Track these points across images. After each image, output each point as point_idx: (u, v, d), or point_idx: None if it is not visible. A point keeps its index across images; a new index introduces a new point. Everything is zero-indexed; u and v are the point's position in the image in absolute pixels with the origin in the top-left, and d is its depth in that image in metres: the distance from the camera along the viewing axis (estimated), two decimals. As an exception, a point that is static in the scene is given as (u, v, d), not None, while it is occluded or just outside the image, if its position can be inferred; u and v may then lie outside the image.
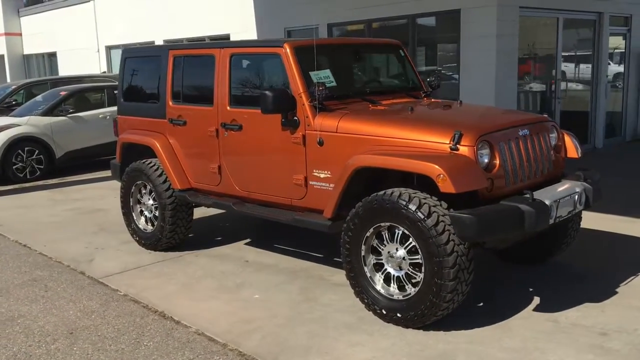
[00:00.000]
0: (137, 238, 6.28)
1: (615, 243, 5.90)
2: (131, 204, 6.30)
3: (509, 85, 9.79)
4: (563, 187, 4.39)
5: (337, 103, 4.83)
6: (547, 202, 4.03)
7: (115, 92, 11.95)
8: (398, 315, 4.13)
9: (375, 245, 4.29)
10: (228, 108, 5.28)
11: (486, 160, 4.10)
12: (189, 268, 5.62)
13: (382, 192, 4.15)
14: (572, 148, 4.85)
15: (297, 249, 6.00)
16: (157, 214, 6.06)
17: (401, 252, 4.14)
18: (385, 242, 4.22)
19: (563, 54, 11.18)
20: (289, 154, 4.87)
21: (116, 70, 17.55)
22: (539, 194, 4.12)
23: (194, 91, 5.75)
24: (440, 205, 3.97)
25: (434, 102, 5.33)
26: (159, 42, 16.31)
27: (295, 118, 4.76)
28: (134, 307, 4.77)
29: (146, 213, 6.23)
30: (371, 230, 4.23)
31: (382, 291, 4.26)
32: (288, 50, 4.84)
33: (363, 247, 4.29)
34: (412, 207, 3.94)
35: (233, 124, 5.24)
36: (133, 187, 6.24)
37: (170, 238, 5.99)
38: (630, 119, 12.76)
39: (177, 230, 5.98)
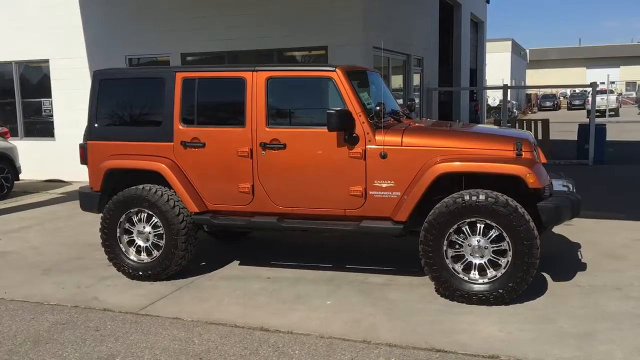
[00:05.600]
0: (130, 270, 5.87)
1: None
2: (118, 234, 5.88)
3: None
4: (566, 183, 5.69)
5: (378, 121, 5.44)
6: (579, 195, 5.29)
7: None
8: (487, 295, 4.92)
9: (454, 239, 5.03)
10: (267, 128, 5.46)
11: (534, 163, 5.18)
12: (222, 290, 5.56)
13: (465, 193, 4.93)
14: (542, 155, 6.22)
15: (297, 263, 6.30)
16: (155, 242, 5.80)
17: (483, 242, 4.96)
18: (465, 236, 4.99)
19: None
20: (346, 167, 5.30)
21: None
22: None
23: (215, 113, 5.76)
24: (512, 200, 4.92)
25: (449, 122, 6.28)
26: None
27: (355, 135, 5.26)
28: (225, 329, 4.67)
29: (140, 242, 5.88)
30: (455, 226, 4.96)
31: (465, 278, 5.01)
32: (340, 74, 5.32)
33: (445, 242, 5.00)
34: (501, 202, 4.81)
35: (274, 143, 5.45)
36: (122, 217, 5.84)
37: (178, 264, 5.79)
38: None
39: (186, 256, 5.83)
